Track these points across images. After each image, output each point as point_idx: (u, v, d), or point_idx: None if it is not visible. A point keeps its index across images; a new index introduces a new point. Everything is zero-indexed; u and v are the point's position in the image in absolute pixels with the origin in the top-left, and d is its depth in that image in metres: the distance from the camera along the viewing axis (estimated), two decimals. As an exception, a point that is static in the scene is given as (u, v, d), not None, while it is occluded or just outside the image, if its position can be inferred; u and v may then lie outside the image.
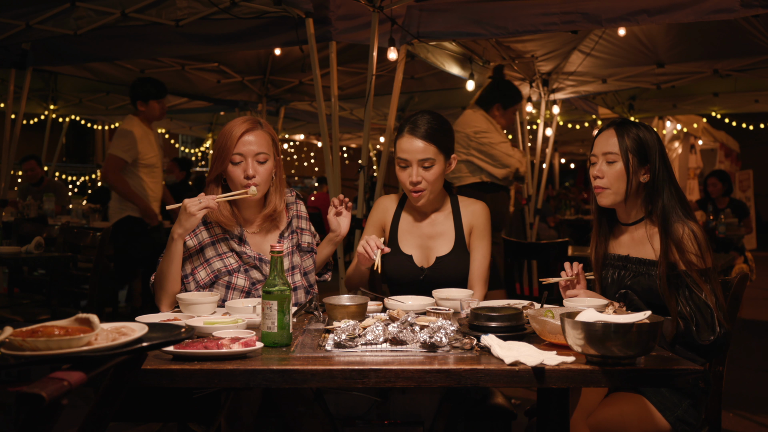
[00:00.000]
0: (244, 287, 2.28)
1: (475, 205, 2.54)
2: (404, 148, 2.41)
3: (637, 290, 2.13)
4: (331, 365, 1.51)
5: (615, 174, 2.13)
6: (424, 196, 2.44)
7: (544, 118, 6.79)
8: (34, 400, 1.02)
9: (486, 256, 2.50)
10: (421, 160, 2.40)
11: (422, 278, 2.46)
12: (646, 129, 2.15)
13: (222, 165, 2.28)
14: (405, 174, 2.43)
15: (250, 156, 2.25)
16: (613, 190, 2.14)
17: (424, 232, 2.53)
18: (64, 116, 8.67)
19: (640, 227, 2.18)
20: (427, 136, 2.39)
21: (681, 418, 2.01)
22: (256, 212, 2.37)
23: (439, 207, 2.55)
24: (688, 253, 2.02)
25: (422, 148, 2.39)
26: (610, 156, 2.14)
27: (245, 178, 2.25)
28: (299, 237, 2.44)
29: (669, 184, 2.12)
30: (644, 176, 2.13)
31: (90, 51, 4.76)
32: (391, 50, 4.08)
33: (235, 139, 2.25)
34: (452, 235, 2.50)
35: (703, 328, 1.98)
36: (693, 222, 2.08)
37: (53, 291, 3.81)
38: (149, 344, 1.31)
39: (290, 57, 6.30)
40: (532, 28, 3.98)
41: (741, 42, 4.98)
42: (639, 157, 2.12)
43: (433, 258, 2.49)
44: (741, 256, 6.34)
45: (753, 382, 4.39)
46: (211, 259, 2.29)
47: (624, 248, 2.21)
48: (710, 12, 3.48)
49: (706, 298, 2.00)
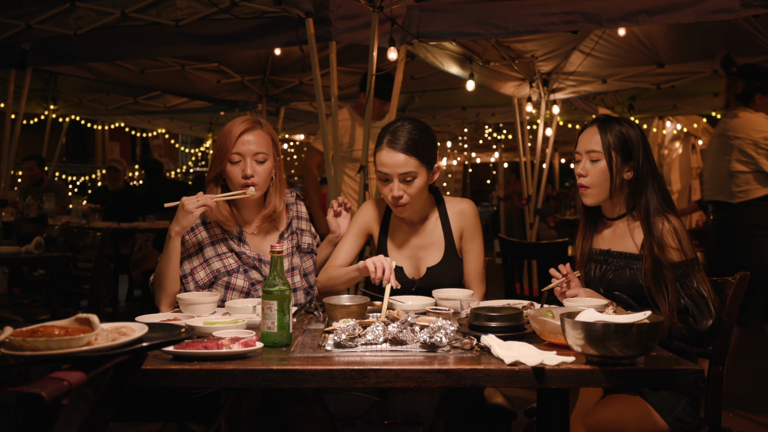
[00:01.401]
0: (243, 288, 2.28)
1: (462, 204, 2.48)
2: (384, 161, 2.29)
3: (619, 284, 2.14)
4: (331, 365, 1.51)
5: (598, 172, 2.15)
6: (407, 210, 2.35)
7: (544, 118, 6.78)
8: (34, 400, 1.02)
9: (480, 256, 2.46)
10: (401, 174, 2.27)
11: (414, 290, 2.41)
12: (629, 125, 2.16)
13: (221, 164, 2.27)
14: (387, 188, 2.32)
15: (249, 156, 2.24)
16: (597, 190, 2.17)
17: (413, 243, 2.46)
18: (64, 116, 8.67)
19: (622, 222, 2.20)
20: (407, 148, 2.26)
21: (679, 418, 2.02)
22: (255, 212, 2.36)
23: (427, 214, 2.47)
24: (670, 247, 2.04)
25: (402, 161, 2.26)
26: (593, 154, 2.15)
27: (243, 177, 2.24)
28: (299, 238, 2.44)
29: (652, 179, 2.13)
30: (628, 173, 2.15)
31: (90, 51, 4.75)
32: (391, 50, 4.08)
33: (234, 139, 2.24)
34: (442, 243, 2.44)
35: (700, 316, 2.00)
36: (672, 215, 2.10)
37: (53, 291, 3.81)
38: (149, 344, 1.31)
39: (290, 57, 6.29)
40: (532, 28, 3.97)
41: (741, 42, 4.98)
42: (622, 154, 2.13)
43: (423, 269, 2.43)
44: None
45: (753, 382, 4.39)
46: (210, 259, 2.28)
47: (606, 243, 2.23)
48: (710, 12, 3.48)
49: (698, 286, 2.02)
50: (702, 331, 1.99)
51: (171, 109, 8.27)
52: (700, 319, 1.99)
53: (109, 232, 3.64)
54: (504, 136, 11.96)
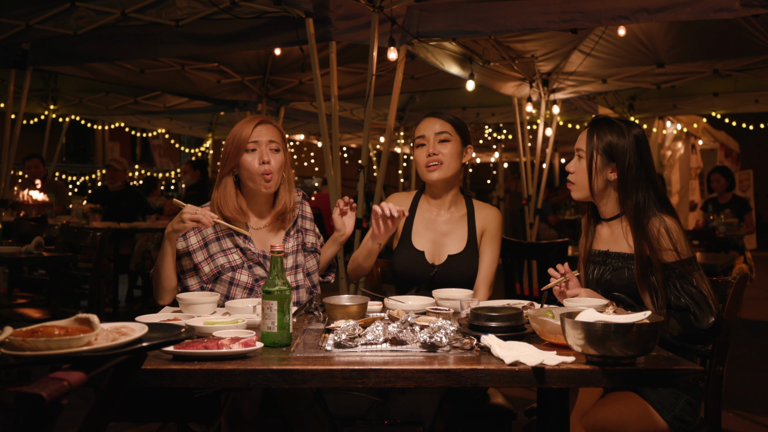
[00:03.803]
0: (247, 284, 2.30)
1: (489, 210, 2.59)
2: (422, 127, 2.55)
3: (617, 285, 2.16)
4: (331, 365, 1.51)
5: (581, 170, 2.21)
6: (440, 169, 2.49)
7: (544, 118, 6.79)
8: (34, 400, 1.02)
9: (493, 261, 2.52)
10: (438, 133, 2.50)
11: (432, 275, 2.47)
12: (623, 128, 2.15)
13: (236, 157, 2.31)
14: (422, 151, 2.51)
15: (264, 144, 2.31)
16: (579, 186, 2.23)
17: (439, 229, 2.55)
18: (64, 116, 8.67)
19: (617, 222, 2.22)
20: (444, 117, 2.54)
21: (678, 417, 2.02)
22: (265, 209, 2.40)
23: (455, 207, 2.58)
24: (664, 248, 2.05)
25: (439, 124, 2.52)
26: (580, 152, 2.22)
27: (261, 164, 2.29)
28: (303, 237, 2.47)
29: (645, 182, 2.14)
30: (611, 174, 2.17)
31: (90, 51, 4.76)
32: (391, 50, 4.08)
33: (250, 129, 2.31)
34: (465, 235, 2.53)
35: (701, 314, 2.00)
36: (668, 216, 2.10)
37: (53, 291, 3.81)
38: (149, 344, 1.31)
39: (290, 57, 6.30)
40: (532, 26, 3.98)
41: (741, 42, 4.98)
42: (605, 155, 2.16)
43: (444, 255, 2.50)
44: (741, 255, 6.34)
45: (753, 382, 4.39)
46: (215, 254, 2.31)
47: (604, 244, 2.25)
48: (710, 11, 3.48)
49: (698, 284, 2.02)
50: (703, 330, 1.99)
51: (171, 109, 8.27)
52: (702, 317, 2.00)
53: (109, 232, 3.64)
54: (504, 136, 11.97)
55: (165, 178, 13.64)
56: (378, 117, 8.18)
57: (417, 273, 2.49)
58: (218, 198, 2.34)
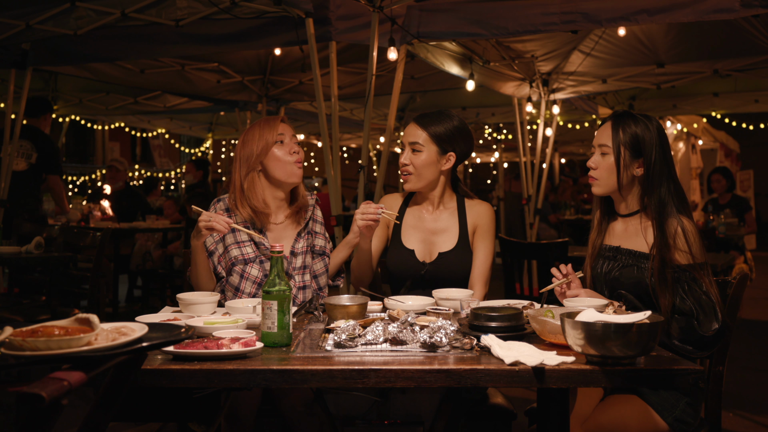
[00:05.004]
0: (257, 278, 2.35)
1: (480, 206, 2.56)
2: (404, 132, 2.55)
3: (625, 282, 2.14)
4: (331, 365, 1.51)
5: (606, 166, 2.17)
6: (410, 180, 2.50)
7: (544, 118, 6.78)
8: (34, 400, 1.02)
9: (488, 257, 2.50)
10: (410, 143, 2.48)
11: (423, 273, 2.47)
12: (646, 123, 2.14)
13: (264, 153, 2.36)
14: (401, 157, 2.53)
15: (290, 137, 2.41)
16: (604, 182, 2.19)
17: (428, 227, 2.55)
18: (64, 116, 8.67)
19: (635, 219, 2.20)
20: (422, 124, 2.49)
21: (679, 418, 2.01)
22: (284, 204, 2.47)
23: (445, 204, 2.57)
24: (679, 249, 2.04)
25: (413, 133, 2.49)
26: (604, 148, 2.18)
27: (292, 153, 2.37)
28: (313, 239, 2.51)
29: (668, 179, 2.12)
30: (638, 170, 2.15)
31: (90, 51, 4.75)
32: (391, 50, 4.08)
33: (277, 125, 2.40)
34: (456, 232, 2.52)
35: (705, 320, 1.98)
36: (686, 217, 2.09)
37: (53, 291, 3.81)
38: (149, 344, 1.31)
39: (290, 57, 6.29)
40: (532, 28, 3.97)
41: (741, 42, 4.97)
42: (632, 150, 2.13)
43: (435, 253, 2.50)
44: (741, 255, 6.34)
45: (753, 382, 4.39)
46: (229, 246, 2.37)
47: (616, 239, 2.23)
48: (710, 12, 3.48)
49: (706, 290, 2.01)
50: (706, 336, 1.98)
51: (171, 109, 8.27)
52: (706, 323, 1.98)
53: (109, 232, 3.64)
54: (504, 136, 11.96)
55: (165, 178, 13.63)
56: (378, 117, 8.17)
57: (409, 271, 2.49)
58: (243, 195, 2.37)
